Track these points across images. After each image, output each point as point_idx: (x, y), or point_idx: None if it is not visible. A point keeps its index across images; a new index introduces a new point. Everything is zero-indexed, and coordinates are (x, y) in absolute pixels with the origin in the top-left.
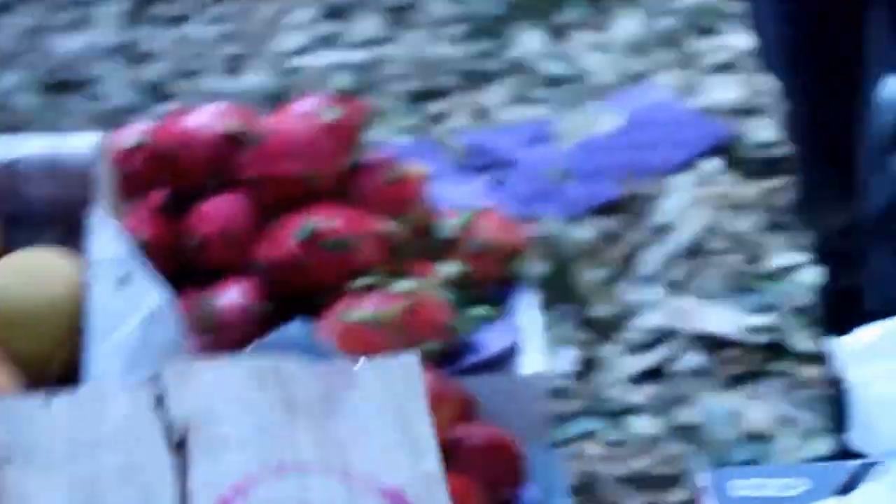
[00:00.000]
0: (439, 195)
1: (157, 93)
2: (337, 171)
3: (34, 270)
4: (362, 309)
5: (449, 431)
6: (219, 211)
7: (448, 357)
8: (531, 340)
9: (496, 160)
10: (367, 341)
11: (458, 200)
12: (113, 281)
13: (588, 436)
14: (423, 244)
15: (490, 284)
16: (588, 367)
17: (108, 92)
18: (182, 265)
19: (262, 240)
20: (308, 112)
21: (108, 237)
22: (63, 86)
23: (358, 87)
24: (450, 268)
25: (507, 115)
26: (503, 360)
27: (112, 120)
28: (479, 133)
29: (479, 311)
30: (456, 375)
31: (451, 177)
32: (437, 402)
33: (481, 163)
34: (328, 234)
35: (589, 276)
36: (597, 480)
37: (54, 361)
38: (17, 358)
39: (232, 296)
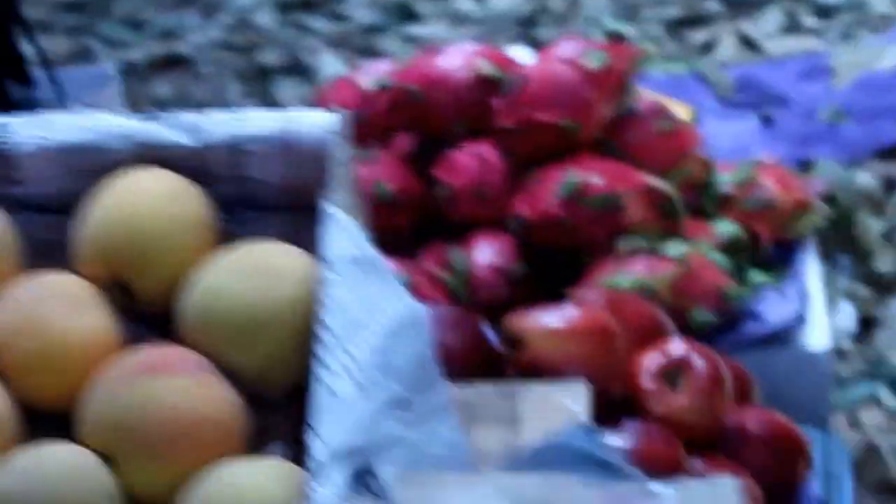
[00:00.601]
0: (705, 134)
1: (402, 13)
2: (602, 122)
3: (259, 267)
4: (629, 274)
5: (725, 416)
6: (471, 161)
7: (723, 328)
8: (817, 310)
9: (766, 96)
10: (636, 310)
11: (725, 141)
12: (352, 282)
13: (868, 403)
14: (697, 201)
15: (771, 246)
16: (868, 326)
17: (352, 11)
18: (429, 218)
19: (518, 194)
20: (571, 56)
21: (346, 229)
22: (305, 4)
23: (613, 14)
24: (726, 228)
25: (777, 47)
26: (785, 333)
27: (355, 41)
28: (747, 66)
29: (759, 276)
30: (732, 349)
31: (718, 114)
32: (713, 381)
33: (750, 99)
34: (592, 190)
35: (870, 226)
36: (877, 453)
37: (279, 377)
38: (236, 372)
39: (485, 254)
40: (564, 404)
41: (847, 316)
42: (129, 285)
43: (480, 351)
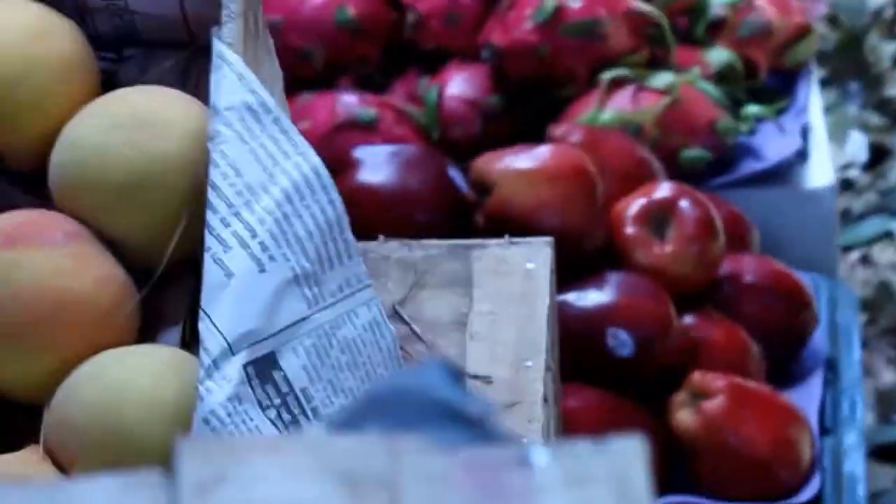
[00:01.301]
0: None
1: None
2: None
3: (140, 118)
4: (612, 108)
5: (718, 265)
6: None
7: (717, 166)
8: (819, 144)
9: None
10: (619, 148)
11: None
12: (246, 136)
13: (880, 238)
14: (687, 27)
15: (768, 75)
16: (881, 156)
17: None
18: (397, 47)
19: (492, 19)
20: None
21: (239, 71)
22: None
23: None
24: (719, 56)
25: None
26: (785, 170)
27: None
28: None
29: (755, 108)
30: (726, 189)
31: None
32: (703, 227)
33: None
34: (571, 14)
35: (881, 49)
36: (890, 293)
37: (168, 249)
38: (117, 242)
39: (457, 85)
40: (523, 264)
41: (857, 146)
42: None
43: (445, 194)
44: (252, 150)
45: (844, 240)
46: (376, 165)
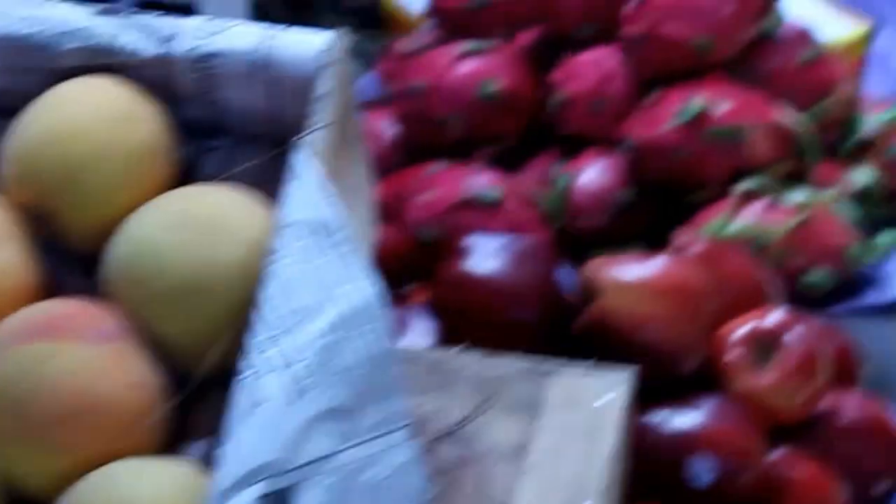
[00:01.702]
0: (884, 53)
1: None
2: (739, 42)
3: (206, 218)
4: (742, 220)
5: (818, 402)
6: (592, 67)
7: (840, 293)
8: None
9: None
10: (738, 267)
11: None
12: (303, 256)
13: None
14: (835, 143)
15: None
16: None
17: None
18: (538, 125)
19: (636, 112)
20: None
21: (312, 183)
22: None
23: None
24: (862, 176)
25: None
26: None
27: None
28: None
29: (889, 237)
30: (846, 317)
31: None
32: (807, 362)
33: None
34: (717, 119)
35: None
36: None
37: (212, 357)
38: (163, 344)
39: (590, 176)
40: (596, 397)
41: None
42: (56, 217)
43: (548, 294)
44: (309, 271)
45: None
46: (485, 254)
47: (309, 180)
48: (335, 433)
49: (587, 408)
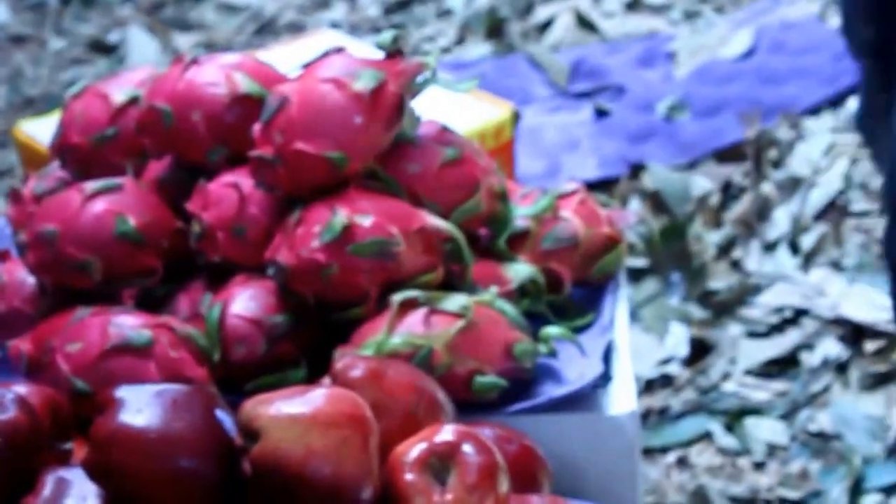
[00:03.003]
0: (531, 129)
1: None
2: (373, 151)
3: None
4: (403, 331)
5: None
6: (227, 192)
7: (515, 390)
8: (623, 366)
9: (602, 84)
10: (402, 383)
11: (554, 135)
12: None
13: (698, 440)
14: (488, 240)
15: (574, 288)
16: (701, 351)
17: None
18: (180, 257)
19: (280, 233)
20: (337, 75)
21: None
22: None
23: None
24: (521, 271)
25: (616, 28)
26: (586, 395)
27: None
28: (583, 49)
29: (555, 329)
30: (523, 417)
31: (548, 105)
32: (487, 474)
33: (584, 87)
34: (361, 233)
35: (705, 237)
36: (705, 500)
37: None
38: None
39: (241, 303)
40: None
41: (678, 340)
42: None
43: (212, 440)
44: None
45: (661, 440)
46: (139, 406)
47: None
48: None
49: None
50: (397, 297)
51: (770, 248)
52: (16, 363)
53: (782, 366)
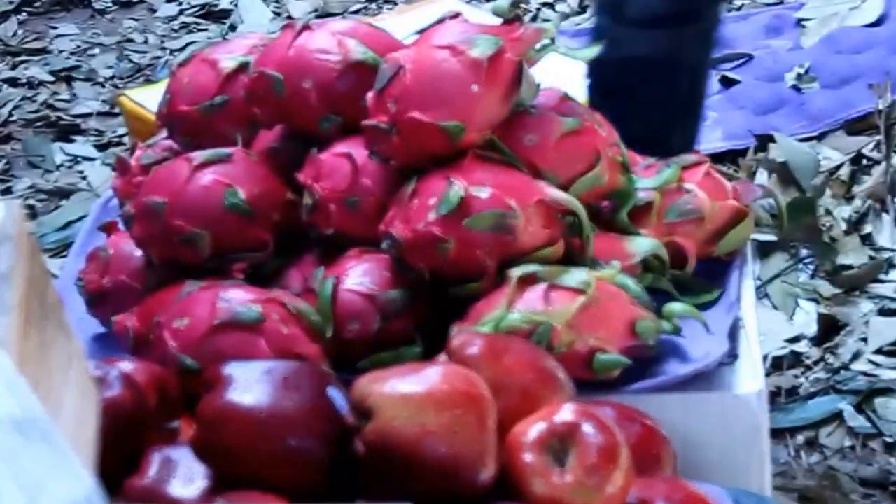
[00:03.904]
0: None
1: None
2: (491, 121)
3: None
4: (521, 307)
5: (624, 495)
6: (340, 163)
7: (638, 368)
8: (750, 344)
9: (729, 53)
10: (522, 361)
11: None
12: (7, 456)
13: (828, 421)
14: (610, 213)
15: (698, 264)
16: (831, 329)
17: None
18: (292, 230)
19: (394, 206)
20: (453, 42)
21: (10, 377)
22: None
23: None
24: (643, 245)
25: None
26: (710, 374)
27: None
28: None
29: (679, 305)
30: (644, 396)
31: None
32: (607, 455)
33: None
34: (478, 205)
35: (834, 212)
36: (836, 482)
37: None
38: None
39: (355, 278)
40: None
41: (807, 318)
42: None
43: (323, 419)
44: (11, 472)
45: (789, 420)
46: (248, 383)
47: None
48: None
49: None
50: (516, 272)
51: None
52: (122, 339)
53: None
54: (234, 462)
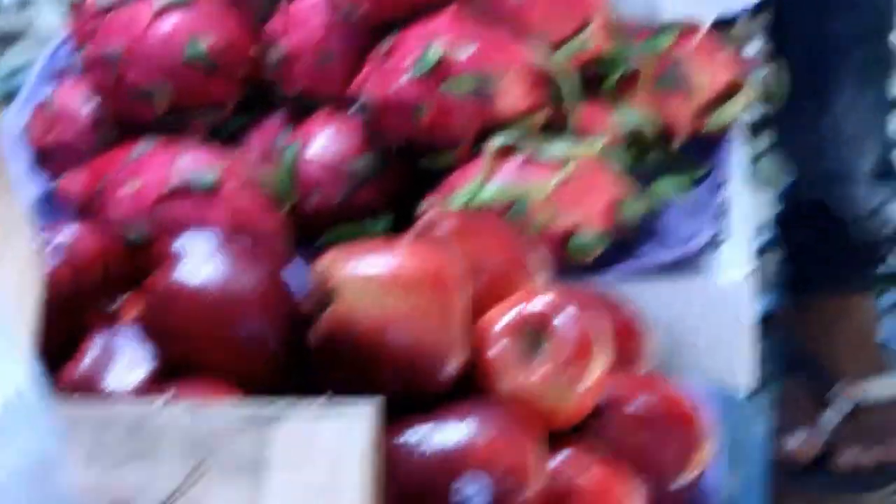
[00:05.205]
0: None
1: None
2: None
3: None
4: (498, 181)
5: (598, 393)
6: (314, 13)
7: (617, 249)
8: (738, 228)
9: None
10: (495, 241)
11: None
12: None
13: None
14: (596, 80)
15: (687, 140)
16: None
17: None
18: (257, 88)
19: (368, 64)
20: None
21: None
22: None
23: None
24: (629, 117)
25: None
26: (694, 259)
27: None
28: None
29: (665, 184)
30: (624, 281)
31: None
32: (582, 349)
33: None
34: (457, 68)
35: None
36: None
37: None
38: None
39: (322, 141)
40: (332, 445)
41: None
42: None
43: (275, 303)
44: None
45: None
46: (198, 261)
47: None
48: None
49: (322, 460)
50: (494, 143)
51: None
52: (65, 205)
53: None
54: (180, 346)
